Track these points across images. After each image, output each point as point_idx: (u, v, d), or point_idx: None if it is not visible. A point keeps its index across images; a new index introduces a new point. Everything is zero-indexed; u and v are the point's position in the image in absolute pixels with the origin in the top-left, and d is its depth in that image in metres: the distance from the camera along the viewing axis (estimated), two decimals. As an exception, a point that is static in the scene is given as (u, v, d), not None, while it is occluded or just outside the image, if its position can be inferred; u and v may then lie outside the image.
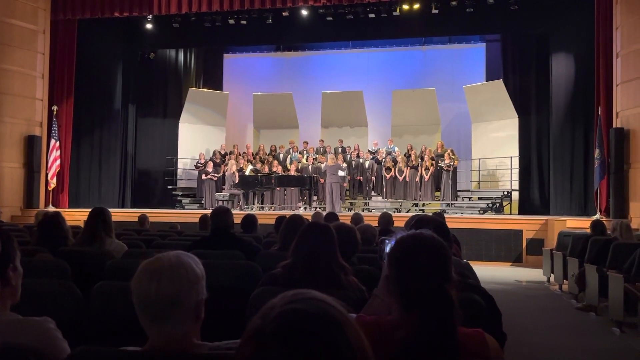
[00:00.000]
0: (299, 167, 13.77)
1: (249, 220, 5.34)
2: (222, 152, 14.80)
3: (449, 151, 13.16)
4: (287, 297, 0.76)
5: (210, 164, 13.96)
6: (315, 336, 0.70)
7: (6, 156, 11.58)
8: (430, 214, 5.35)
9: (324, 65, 16.70)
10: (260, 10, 12.69)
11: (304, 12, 13.07)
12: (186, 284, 1.26)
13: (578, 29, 11.77)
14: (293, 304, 0.74)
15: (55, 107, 12.35)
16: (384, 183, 13.49)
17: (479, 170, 13.84)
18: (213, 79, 16.82)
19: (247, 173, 13.23)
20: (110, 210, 4.00)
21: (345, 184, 13.29)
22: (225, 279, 2.79)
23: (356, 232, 3.04)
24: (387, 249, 1.46)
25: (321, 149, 14.74)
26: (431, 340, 1.28)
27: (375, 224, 5.02)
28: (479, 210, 12.72)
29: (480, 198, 13.53)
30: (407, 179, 13.27)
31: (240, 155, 14.63)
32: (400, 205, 13.35)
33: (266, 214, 11.31)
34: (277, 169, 13.64)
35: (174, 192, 14.69)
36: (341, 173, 12.45)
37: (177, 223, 8.43)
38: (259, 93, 15.91)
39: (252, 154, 14.88)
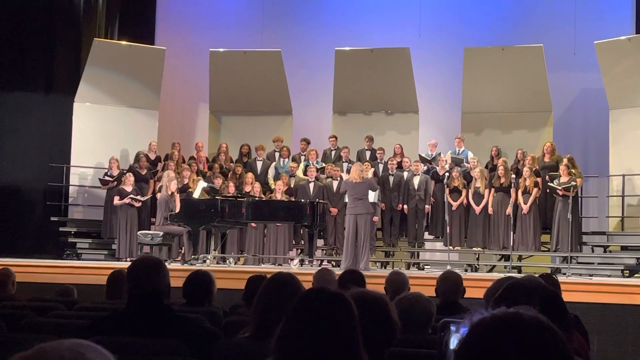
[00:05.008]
0: (292, 186, 13.81)
1: (199, 282, 5.34)
2: (153, 157, 14.88)
3: (566, 160, 13.14)
4: None
5: (130, 178, 14.00)
6: None
7: None
8: (535, 275, 5.36)
9: (340, 1, 16.82)
10: None
11: None
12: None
13: None
14: None
15: None
16: (447, 217, 13.46)
17: (623, 197, 13.82)
18: (137, 23, 16.98)
19: (196, 195, 13.25)
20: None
21: (376, 218, 13.27)
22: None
23: (393, 308, 3.04)
24: (454, 341, 1.46)
25: (333, 152, 14.80)
26: None
27: (431, 293, 5.03)
28: (621, 271, 12.67)
29: (624, 248, 13.49)
30: (490, 209, 13.28)
31: (184, 162, 14.70)
32: (477, 259, 13.33)
33: (231, 272, 11.29)
34: (252, 187, 13.67)
35: (62, 229, 14.73)
36: (371, 197, 12.44)
37: (71, 285, 8.42)
38: (221, 50, 16.02)
39: (207, 160, 14.95)
